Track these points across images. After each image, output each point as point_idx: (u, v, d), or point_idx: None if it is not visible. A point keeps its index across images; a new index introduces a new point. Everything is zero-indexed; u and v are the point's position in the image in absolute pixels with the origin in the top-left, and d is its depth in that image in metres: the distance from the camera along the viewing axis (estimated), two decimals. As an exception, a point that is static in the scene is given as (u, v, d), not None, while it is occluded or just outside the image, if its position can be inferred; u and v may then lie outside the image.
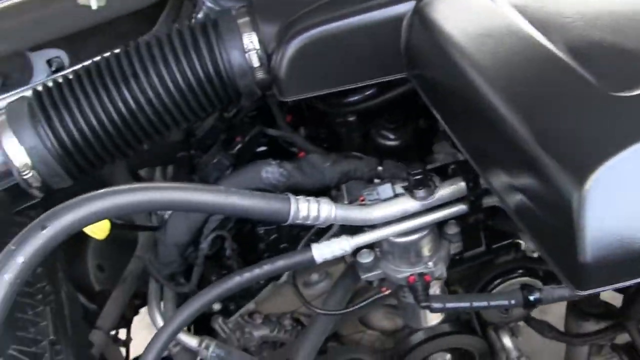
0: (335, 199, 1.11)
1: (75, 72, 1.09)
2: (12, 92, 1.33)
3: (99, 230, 1.06)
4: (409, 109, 1.26)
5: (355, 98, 1.20)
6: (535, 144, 0.71)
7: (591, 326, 1.53)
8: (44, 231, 0.76)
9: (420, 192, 1.00)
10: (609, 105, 0.69)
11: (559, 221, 0.68)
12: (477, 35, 0.90)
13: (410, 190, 1.01)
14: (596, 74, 0.73)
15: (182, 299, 1.35)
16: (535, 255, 1.32)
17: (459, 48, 0.88)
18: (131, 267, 1.43)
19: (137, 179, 1.60)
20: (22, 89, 1.35)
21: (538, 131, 0.72)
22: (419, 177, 0.99)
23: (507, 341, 1.51)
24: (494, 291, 1.37)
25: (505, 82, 0.80)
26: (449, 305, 1.07)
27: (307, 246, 1.01)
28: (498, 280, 1.39)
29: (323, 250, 1.01)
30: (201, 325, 1.36)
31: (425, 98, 1.00)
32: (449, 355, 1.54)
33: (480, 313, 1.46)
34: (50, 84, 1.09)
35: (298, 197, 0.93)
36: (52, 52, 1.29)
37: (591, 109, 0.71)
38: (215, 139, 1.43)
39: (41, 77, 1.47)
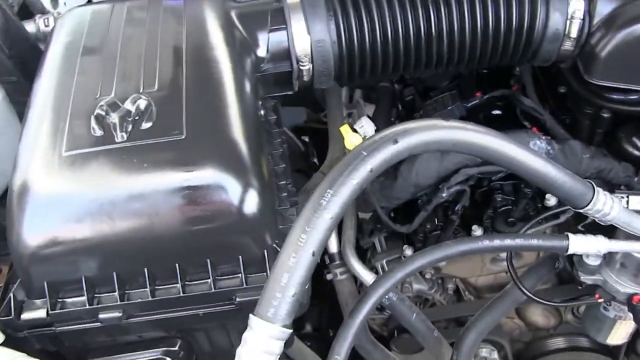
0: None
1: None
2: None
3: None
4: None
5: (627, 98, 1.14)
6: None
7: None
8: (395, 145, 0.73)
9: None
10: None
11: None
12: None
13: (693, 215, 0.96)
14: None
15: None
16: None
17: None
18: (316, 180, 1.40)
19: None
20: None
21: None
22: None
23: (644, 378, 1.49)
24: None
25: None
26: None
27: (564, 234, 0.97)
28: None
29: (578, 244, 0.96)
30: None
31: None
32: (577, 368, 1.52)
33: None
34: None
35: (598, 188, 0.88)
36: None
37: None
38: (435, 83, 1.38)
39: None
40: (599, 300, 1.12)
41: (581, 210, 0.90)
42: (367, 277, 1.24)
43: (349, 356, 1.10)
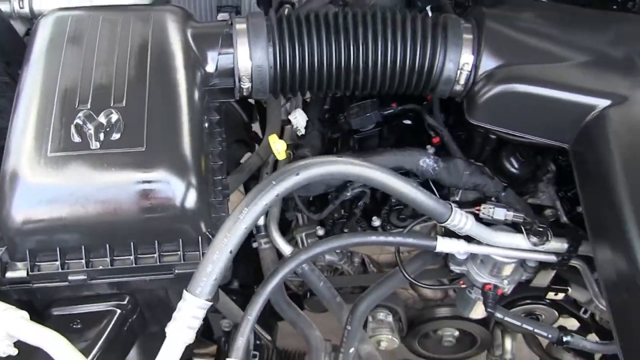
0: (452, 195, 1.47)
1: (316, 16, 1.34)
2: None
3: (279, 154, 1.37)
4: (539, 152, 1.56)
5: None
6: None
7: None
8: (297, 176, 1.08)
9: (535, 239, 1.35)
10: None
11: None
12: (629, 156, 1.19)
13: (528, 233, 1.35)
14: None
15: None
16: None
17: (615, 169, 1.18)
18: (251, 160, 1.74)
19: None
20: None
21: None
22: (541, 229, 1.33)
23: (508, 343, 1.94)
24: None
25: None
26: (508, 319, 1.46)
27: (434, 236, 1.35)
28: (527, 301, 1.79)
29: (444, 244, 1.35)
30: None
31: (575, 169, 1.30)
32: (457, 332, 1.97)
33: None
34: (292, 15, 1.34)
35: (456, 208, 1.26)
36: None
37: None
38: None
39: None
40: (462, 286, 1.52)
41: (442, 224, 1.27)
42: (285, 249, 1.60)
43: (269, 311, 1.48)
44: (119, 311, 1.27)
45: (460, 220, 1.27)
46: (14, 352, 1.05)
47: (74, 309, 1.26)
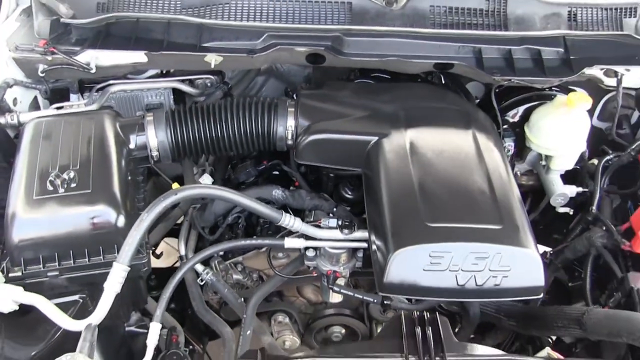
0: (307, 217, 2.43)
1: (195, 107, 2.36)
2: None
3: (181, 193, 2.35)
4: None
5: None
6: (389, 228, 1.99)
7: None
8: (175, 195, 2.04)
9: (346, 231, 2.29)
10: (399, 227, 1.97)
11: (382, 260, 1.96)
12: (384, 170, 2.18)
13: (341, 228, 2.30)
14: (425, 207, 2.00)
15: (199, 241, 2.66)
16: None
17: (379, 175, 2.17)
18: (174, 212, 2.71)
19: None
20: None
21: (394, 224, 1.99)
22: (347, 223, 2.29)
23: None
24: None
25: (390, 198, 2.07)
26: (342, 291, 2.37)
27: (283, 237, 2.30)
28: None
29: (289, 242, 2.29)
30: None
31: (363, 184, 2.27)
32: (344, 330, 2.86)
33: (369, 309, 2.76)
34: (181, 108, 2.37)
35: (287, 214, 2.22)
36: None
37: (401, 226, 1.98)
38: (249, 154, 2.72)
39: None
40: (314, 275, 2.45)
41: (278, 224, 2.22)
42: (198, 266, 2.55)
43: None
44: (81, 301, 2.19)
45: (290, 221, 2.21)
46: (16, 307, 1.98)
47: (52, 301, 2.18)
